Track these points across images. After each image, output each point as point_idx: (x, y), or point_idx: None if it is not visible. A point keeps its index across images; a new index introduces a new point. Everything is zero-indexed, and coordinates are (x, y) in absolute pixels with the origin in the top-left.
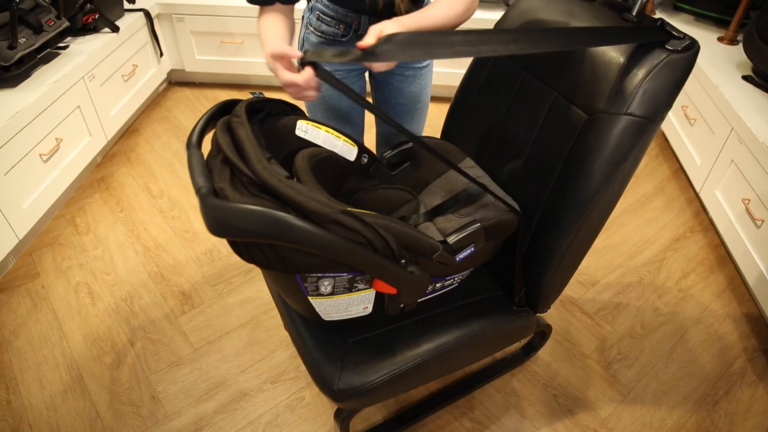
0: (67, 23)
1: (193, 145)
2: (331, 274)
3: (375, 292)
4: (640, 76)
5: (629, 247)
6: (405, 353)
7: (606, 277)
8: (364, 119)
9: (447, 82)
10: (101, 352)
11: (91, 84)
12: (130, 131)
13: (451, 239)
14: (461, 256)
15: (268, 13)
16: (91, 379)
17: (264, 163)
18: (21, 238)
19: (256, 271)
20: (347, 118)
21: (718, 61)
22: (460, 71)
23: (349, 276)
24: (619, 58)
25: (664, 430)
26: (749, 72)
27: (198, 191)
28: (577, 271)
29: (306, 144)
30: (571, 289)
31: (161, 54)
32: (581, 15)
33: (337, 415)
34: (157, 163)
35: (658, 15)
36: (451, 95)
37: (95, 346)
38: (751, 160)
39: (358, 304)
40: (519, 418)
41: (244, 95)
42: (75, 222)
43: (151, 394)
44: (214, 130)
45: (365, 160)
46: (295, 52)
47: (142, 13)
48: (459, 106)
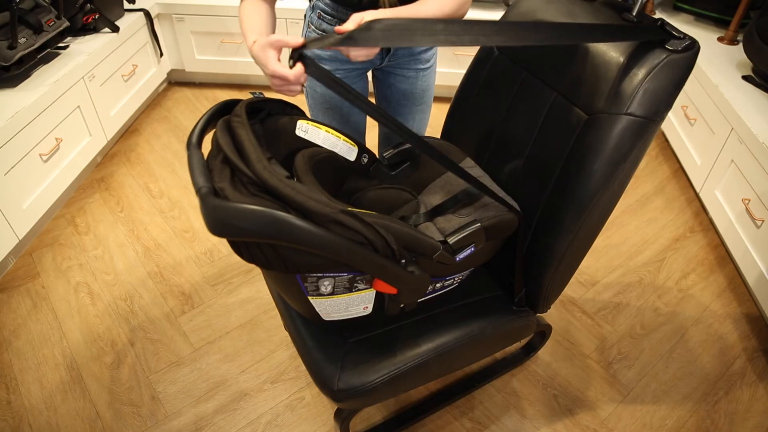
0: (67, 23)
1: (193, 145)
2: (331, 274)
3: (375, 292)
4: (641, 76)
5: (629, 247)
6: (405, 353)
7: (606, 277)
8: (365, 118)
9: (447, 82)
10: (101, 352)
11: (91, 84)
12: (130, 131)
13: (451, 239)
14: (461, 256)
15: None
16: (91, 379)
17: (264, 163)
18: (21, 238)
19: (256, 271)
20: (348, 117)
21: (718, 61)
22: (460, 71)
23: (349, 276)
24: (619, 58)
25: (664, 430)
26: (749, 72)
27: (198, 191)
28: (577, 271)
29: (306, 144)
30: (571, 289)
31: (161, 54)
32: (581, 15)
33: (337, 415)
34: (157, 163)
35: (658, 15)
36: (451, 95)
37: (95, 346)
38: (751, 160)
39: (358, 304)
40: (519, 418)
41: (244, 95)
42: (75, 222)
43: (151, 394)
44: (214, 130)
45: (365, 160)
46: (294, 40)
47: (142, 13)
48: (459, 106)
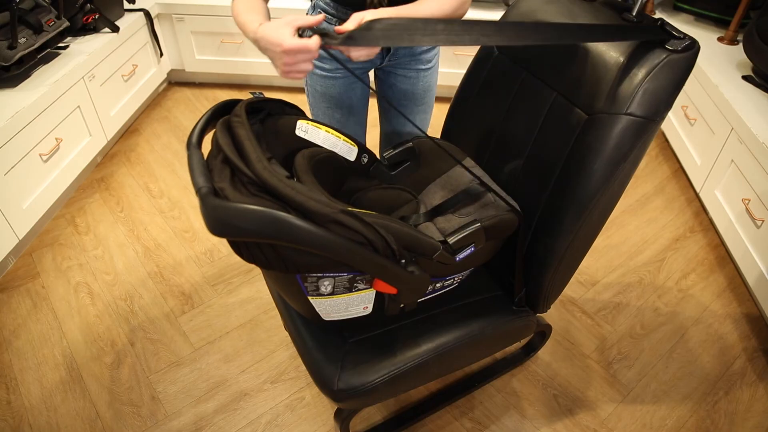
0: (67, 23)
1: (193, 145)
2: (331, 274)
3: (375, 292)
4: (640, 76)
5: (629, 247)
6: (405, 353)
7: (606, 277)
8: (367, 116)
9: (447, 82)
10: (101, 351)
11: (91, 84)
12: (130, 131)
13: (451, 239)
14: (461, 256)
15: None
16: (91, 379)
17: (264, 162)
18: (21, 238)
19: (256, 271)
20: (349, 116)
21: (718, 61)
22: (460, 71)
23: (349, 276)
24: (619, 58)
25: (664, 430)
26: (749, 72)
27: (198, 191)
28: (577, 271)
29: (306, 144)
30: (571, 289)
31: (161, 54)
32: (581, 15)
33: (337, 415)
34: (157, 163)
35: (658, 15)
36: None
37: (95, 346)
38: (751, 160)
39: (358, 304)
40: (519, 418)
41: (244, 95)
42: (75, 222)
43: (151, 394)
44: (214, 130)
45: (365, 160)
46: (317, 18)
47: (142, 13)
48: (459, 106)
